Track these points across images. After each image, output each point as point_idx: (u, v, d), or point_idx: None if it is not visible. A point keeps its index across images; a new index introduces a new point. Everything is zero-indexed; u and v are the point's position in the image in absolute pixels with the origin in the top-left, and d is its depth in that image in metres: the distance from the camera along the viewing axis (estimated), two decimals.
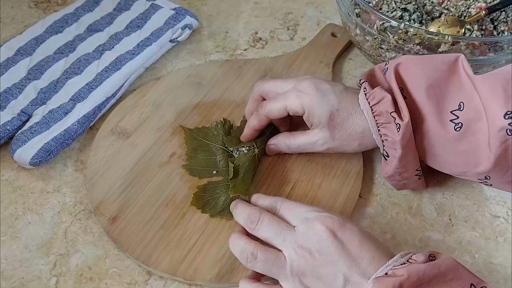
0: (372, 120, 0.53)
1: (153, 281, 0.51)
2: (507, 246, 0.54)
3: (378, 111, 0.52)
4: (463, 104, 0.49)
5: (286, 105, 0.55)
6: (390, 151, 0.52)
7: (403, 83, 0.53)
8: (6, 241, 0.53)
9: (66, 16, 0.74)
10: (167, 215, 0.55)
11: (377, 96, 0.52)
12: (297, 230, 0.46)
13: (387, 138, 0.52)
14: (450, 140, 0.50)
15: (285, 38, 0.77)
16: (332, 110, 0.54)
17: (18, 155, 0.58)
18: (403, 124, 0.50)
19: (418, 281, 0.41)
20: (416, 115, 0.51)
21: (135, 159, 0.59)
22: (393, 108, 0.51)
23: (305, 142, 0.56)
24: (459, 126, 0.49)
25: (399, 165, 0.52)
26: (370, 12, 0.62)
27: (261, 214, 0.48)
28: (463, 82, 0.50)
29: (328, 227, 0.45)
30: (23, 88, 0.64)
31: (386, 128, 0.52)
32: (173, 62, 0.73)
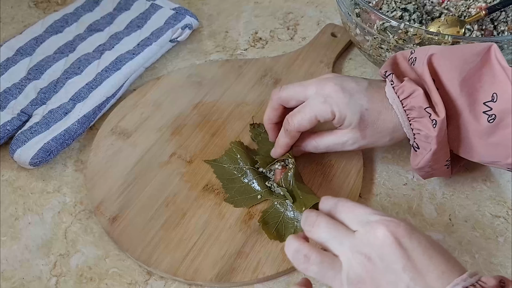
0: (403, 115, 0.51)
1: (153, 281, 0.51)
2: (507, 246, 0.54)
3: (409, 105, 0.50)
4: (496, 95, 0.48)
5: (315, 115, 0.52)
6: (422, 144, 0.51)
7: (436, 75, 0.50)
8: (6, 241, 0.53)
9: (66, 16, 0.74)
10: (168, 215, 0.55)
11: (407, 90, 0.50)
12: (357, 233, 0.41)
13: (420, 132, 0.50)
14: (483, 132, 0.49)
15: (285, 38, 0.77)
16: (362, 111, 0.52)
17: (18, 155, 0.58)
18: (440, 120, 0.48)
19: None
20: (449, 107, 0.50)
21: (135, 159, 0.59)
22: (427, 103, 0.49)
23: (334, 142, 0.54)
24: (492, 118, 0.48)
25: (432, 158, 0.51)
26: (370, 12, 0.62)
27: (318, 216, 0.43)
28: (496, 73, 0.49)
29: (393, 232, 0.40)
30: (23, 88, 0.64)
31: (419, 123, 0.50)
32: (173, 62, 0.73)
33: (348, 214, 0.43)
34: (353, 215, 0.42)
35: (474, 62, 0.50)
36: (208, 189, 0.57)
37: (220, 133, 0.62)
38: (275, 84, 0.68)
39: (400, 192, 0.59)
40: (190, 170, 0.59)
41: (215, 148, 0.61)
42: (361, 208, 0.43)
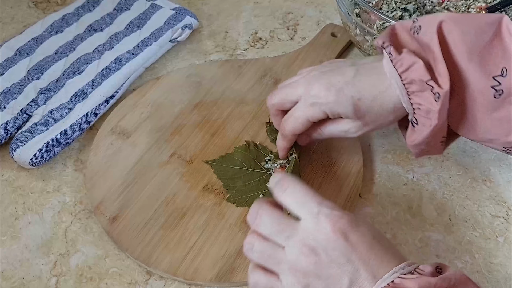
0: (403, 89, 0.48)
1: (153, 281, 0.51)
2: (507, 246, 0.54)
3: (409, 78, 0.47)
4: (505, 70, 0.45)
5: (307, 118, 0.52)
6: (422, 119, 0.48)
7: (445, 45, 0.47)
8: (6, 241, 0.53)
9: (66, 16, 0.74)
10: (167, 215, 0.55)
11: (406, 62, 0.48)
12: (304, 225, 0.42)
13: (420, 107, 0.48)
14: (487, 107, 0.46)
15: (285, 38, 0.77)
16: (354, 103, 0.50)
17: (18, 155, 0.58)
18: (443, 93, 0.46)
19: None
20: (455, 80, 0.47)
21: (135, 159, 0.59)
22: (428, 76, 0.46)
23: (337, 130, 0.53)
24: (499, 94, 0.45)
25: (431, 134, 0.49)
26: (370, 12, 0.62)
27: (259, 208, 0.44)
28: (507, 46, 0.46)
29: (339, 227, 0.41)
30: (23, 88, 0.64)
31: (419, 97, 0.47)
32: (173, 62, 0.73)
33: (294, 199, 0.44)
34: (299, 203, 0.43)
35: (487, 32, 0.47)
36: (208, 189, 0.57)
37: (220, 133, 0.62)
38: (275, 84, 0.68)
39: (400, 192, 0.59)
40: (190, 169, 0.59)
41: (215, 147, 0.61)
42: (307, 197, 0.43)
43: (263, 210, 0.44)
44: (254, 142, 0.60)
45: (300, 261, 0.42)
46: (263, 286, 0.44)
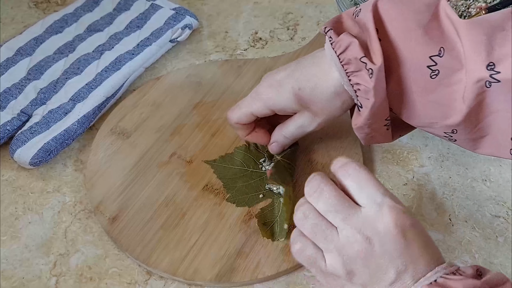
0: (342, 71, 0.48)
1: (153, 281, 0.51)
2: (507, 246, 0.54)
3: (346, 59, 0.47)
4: (443, 50, 0.45)
5: (251, 111, 0.54)
6: (364, 101, 0.48)
7: (381, 23, 0.48)
8: (6, 241, 0.54)
9: (66, 16, 0.74)
10: (167, 215, 0.55)
11: (344, 43, 0.48)
12: (364, 212, 0.42)
13: (360, 88, 0.48)
14: (424, 88, 0.46)
15: (285, 38, 0.77)
16: (294, 93, 0.51)
17: (18, 155, 0.58)
18: (376, 69, 0.45)
19: None
20: (391, 58, 0.47)
21: (135, 159, 0.59)
22: (362, 53, 0.46)
23: (295, 127, 0.54)
24: (435, 74, 0.45)
25: (370, 114, 0.48)
26: None
27: (322, 183, 0.43)
28: (444, 27, 0.46)
29: (401, 223, 0.41)
30: (23, 88, 0.64)
31: (357, 76, 0.47)
32: (173, 62, 0.73)
33: (357, 185, 0.43)
34: (363, 189, 0.43)
35: (424, 13, 0.47)
36: (208, 189, 0.57)
37: (220, 133, 0.62)
38: None
39: (400, 192, 0.58)
40: (190, 170, 0.59)
41: (215, 148, 0.61)
42: (374, 186, 0.43)
43: (325, 185, 0.43)
44: (254, 143, 0.60)
45: (351, 246, 0.41)
46: (307, 257, 0.44)
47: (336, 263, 0.42)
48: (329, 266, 0.42)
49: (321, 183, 0.44)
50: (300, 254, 0.44)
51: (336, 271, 0.42)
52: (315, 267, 0.44)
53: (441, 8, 0.47)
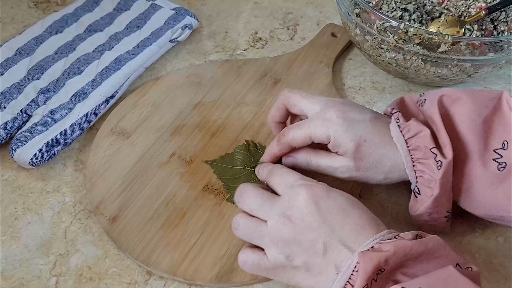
0: (407, 155, 0.49)
1: (153, 281, 0.51)
2: (507, 246, 0.54)
3: (414, 145, 0.48)
4: (507, 143, 0.46)
5: (310, 135, 0.51)
6: (424, 189, 0.49)
7: (447, 116, 0.49)
8: (6, 241, 0.53)
9: (66, 16, 0.74)
10: (167, 215, 0.55)
11: (413, 129, 0.49)
12: (282, 198, 0.46)
13: (423, 175, 0.48)
14: (492, 180, 0.47)
15: (285, 38, 0.77)
16: (359, 141, 0.50)
17: (18, 155, 0.58)
18: (446, 162, 0.46)
19: (404, 256, 0.40)
20: (457, 152, 0.48)
21: (135, 159, 0.59)
22: (433, 144, 0.47)
23: (327, 165, 0.52)
24: (503, 166, 0.46)
25: (433, 205, 0.49)
26: (370, 12, 0.62)
27: (243, 188, 0.48)
28: (507, 120, 0.47)
29: (311, 194, 0.45)
30: (23, 88, 0.64)
31: (423, 164, 0.48)
32: (173, 62, 0.73)
33: (277, 180, 0.49)
34: (282, 181, 0.48)
35: (488, 107, 0.48)
36: (208, 189, 0.57)
37: (220, 133, 0.62)
38: (275, 84, 0.68)
39: (400, 192, 0.58)
40: (190, 170, 0.59)
41: (215, 148, 0.61)
42: (290, 175, 0.48)
43: (246, 190, 0.48)
44: (254, 142, 0.60)
45: (279, 231, 0.45)
46: (251, 264, 0.47)
47: (274, 253, 0.45)
48: (271, 260, 0.45)
49: (243, 188, 0.49)
50: (246, 265, 0.47)
51: (278, 260, 0.45)
52: (263, 270, 0.47)
53: (504, 100, 0.48)
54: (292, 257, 0.44)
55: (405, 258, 0.41)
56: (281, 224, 0.45)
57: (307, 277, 0.45)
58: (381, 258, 0.40)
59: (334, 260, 0.43)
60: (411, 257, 0.41)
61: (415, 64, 0.63)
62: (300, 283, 0.45)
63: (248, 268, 0.47)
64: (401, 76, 0.69)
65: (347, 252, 0.43)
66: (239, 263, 0.48)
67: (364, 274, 0.40)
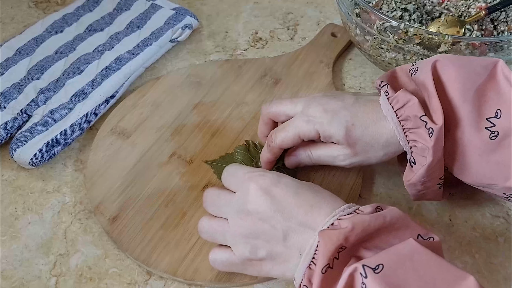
0: (398, 126, 0.49)
1: (153, 281, 0.51)
2: (507, 246, 0.54)
3: (404, 115, 0.48)
4: (500, 112, 0.46)
5: (298, 133, 0.52)
6: (418, 158, 0.49)
7: (439, 82, 0.48)
8: (6, 241, 0.53)
9: (66, 16, 0.74)
10: (167, 215, 0.55)
11: (402, 100, 0.49)
12: (236, 195, 0.47)
13: (416, 145, 0.48)
14: (483, 149, 0.47)
15: (285, 38, 0.77)
16: (347, 126, 0.50)
17: (18, 155, 0.58)
18: (437, 128, 0.46)
19: (363, 231, 0.40)
20: (448, 119, 0.48)
21: (135, 159, 0.59)
22: (422, 112, 0.47)
23: (326, 154, 0.53)
24: (495, 135, 0.46)
25: (426, 173, 0.49)
26: (370, 12, 0.62)
27: (206, 192, 0.50)
28: (502, 89, 0.47)
29: (261, 184, 0.45)
30: (23, 88, 0.64)
31: (414, 133, 0.48)
32: (173, 62, 0.73)
33: (230, 179, 0.49)
34: (233, 179, 0.49)
35: (482, 75, 0.48)
36: None
37: (220, 133, 0.62)
38: (275, 85, 0.68)
39: (400, 192, 0.58)
40: (190, 170, 0.59)
41: (215, 148, 0.61)
42: (238, 171, 0.49)
43: (207, 193, 0.50)
44: (254, 142, 0.60)
45: (238, 226, 0.46)
46: (220, 261, 0.48)
47: (240, 249, 0.46)
48: (237, 255, 0.46)
49: (205, 192, 0.50)
50: (216, 263, 0.49)
51: (243, 255, 0.46)
52: (233, 266, 0.48)
53: (499, 69, 0.48)
54: (255, 250, 0.45)
55: (364, 233, 0.41)
56: (239, 219, 0.46)
57: (274, 266, 0.45)
58: (340, 236, 0.40)
59: (296, 243, 0.43)
60: (370, 231, 0.41)
61: None
62: (270, 273, 0.46)
63: (219, 265, 0.49)
64: None
65: (308, 233, 0.43)
66: (210, 262, 0.49)
67: (325, 253, 0.40)
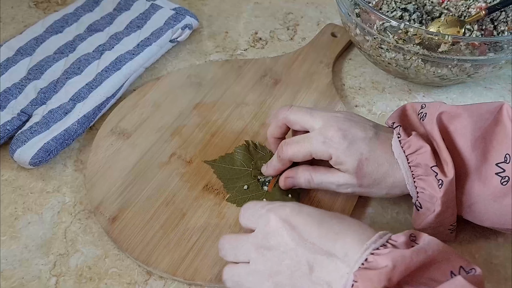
0: (408, 171, 0.49)
1: (153, 281, 0.51)
2: (507, 246, 0.54)
3: (415, 162, 0.48)
4: (509, 156, 0.46)
5: (311, 152, 0.51)
6: (425, 203, 0.49)
7: (447, 133, 0.48)
8: (6, 241, 0.53)
9: (66, 16, 0.74)
10: (167, 215, 0.55)
11: (414, 145, 0.48)
12: (255, 231, 0.45)
13: (424, 192, 0.48)
14: (496, 195, 0.47)
15: (285, 38, 0.77)
16: (361, 159, 0.49)
17: (18, 155, 0.58)
18: (447, 181, 0.46)
19: (406, 270, 0.38)
20: (459, 169, 0.47)
21: (135, 159, 0.59)
22: (434, 162, 0.47)
23: (329, 181, 0.52)
24: (506, 180, 0.46)
25: (435, 220, 0.48)
26: (370, 12, 0.62)
27: (221, 239, 0.47)
28: (508, 132, 0.47)
29: (281, 216, 0.43)
30: (23, 88, 0.64)
31: (423, 181, 0.48)
32: (173, 62, 0.73)
33: (248, 216, 0.47)
34: (251, 214, 0.46)
35: (488, 120, 0.48)
36: (208, 189, 0.57)
37: (220, 134, 0.62)
38: (275, 85, 0.68)
39: None
40: (190, 170, 0.59)
41: (215, 148, 0.61)
42: (254, 205, 0.47)
43: (222, 240, 0.47)
44: (254, 142, 0.60)
45: (260, 264, 0.43)
46: None
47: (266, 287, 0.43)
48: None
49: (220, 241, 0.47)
50: None
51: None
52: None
53: (505, 112, 0.47)
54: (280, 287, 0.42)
55: (407, 271, 0.38)
56: (261, 256, 0.43)
57: None
58: (381, 276, 0.37)
59: (324, 277, 0.40)
60: (412, 268, 0.39)
61: (415, 64, 0.63)
62: None
63: None
64: (401, 76, 0.69)
65: (335, 263, 0.40)
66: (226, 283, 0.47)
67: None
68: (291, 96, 0.67)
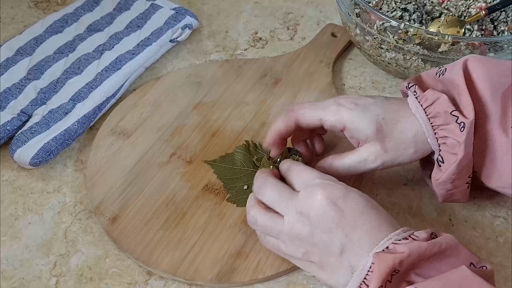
0: (427, 123, 0.49)
1: (153, 281, 0.51)
2: (507, 246, 0.54)
3: (433, 112, 0.48)
4: None
5: (321, 117, 0.51)
6: (447, 156, 0.49)
7: (470, 81, 0.49)
8: (6, 241, 0.54)
9: (66, 16, 0.74)
10: (167, 215, 0.55)
11: (430, 98, 0.49)
12: (299, 195, 0.46)
13: (446, 141, 0.48)
14: (510, 148, 0.47)
15: (285, 38, 0.77)
16: (378, 120, 0.50)
17: (18, 155, 0.58)
18: (468, 122, 0.46)
19: (418, 258, 0.41)
20: (478, 115, 0.48)
21: (135, 159, 0.59)
22: (453, 107, 0.47)
23: (355, 161, 0.51)
24: None
25: (457, 169, 0.48)
26: (370, 12, 0.62)
27: (265, 180, 0.48)
28: None
29: (329, 195, 0.44)
30: (23, 88, 0.64)
31: (444, 130, 0.48)
32: (173, 62, 0.73)
33: (295, 176, 0.48)
34: (299, 178, 0.48)
35: (509, 77, 0.48)
36: (208, 189, 0.57)
37: (220, 133, 0.62)
38: (275, 84, 0.68)
39: (400, 192, 0.58)
40: (190, 170, 0.59)
41: (215, 148, 0.61)
42: (307, 172, 0.48)
43: (268, 181, 0.48)
44: (254, 142, 0.60)
45: (296, 228, 0.45)
46: (271, 246, 0.48)
47: (292, 248, 0.46)
48: (288, 252, 0.47)
49: (265, 179, 0.48)
50: (267, 245, 0.49)
51: (295, 255, 0.47)
52: (281, 252, 0.48)
53: None
54: (308, 255, 0.46)
55: (418, 259, 0.41)
56: (298, 221, 0.45)
57: (320, 271, 0.46)
58: (396, 260, 0.40)
59: (349, 259, 0.43)
60: (424, 258, 0.41)
61: (415, 64, 0.63)
62: (313, 273, 0.47)
63: (270, 247, 0.49)
64: (401, 76, 0.69)
65: (362, 252, 0.43)
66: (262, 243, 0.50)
67: (379, 276, 0.40)
68: (291, 96, 0.67)
